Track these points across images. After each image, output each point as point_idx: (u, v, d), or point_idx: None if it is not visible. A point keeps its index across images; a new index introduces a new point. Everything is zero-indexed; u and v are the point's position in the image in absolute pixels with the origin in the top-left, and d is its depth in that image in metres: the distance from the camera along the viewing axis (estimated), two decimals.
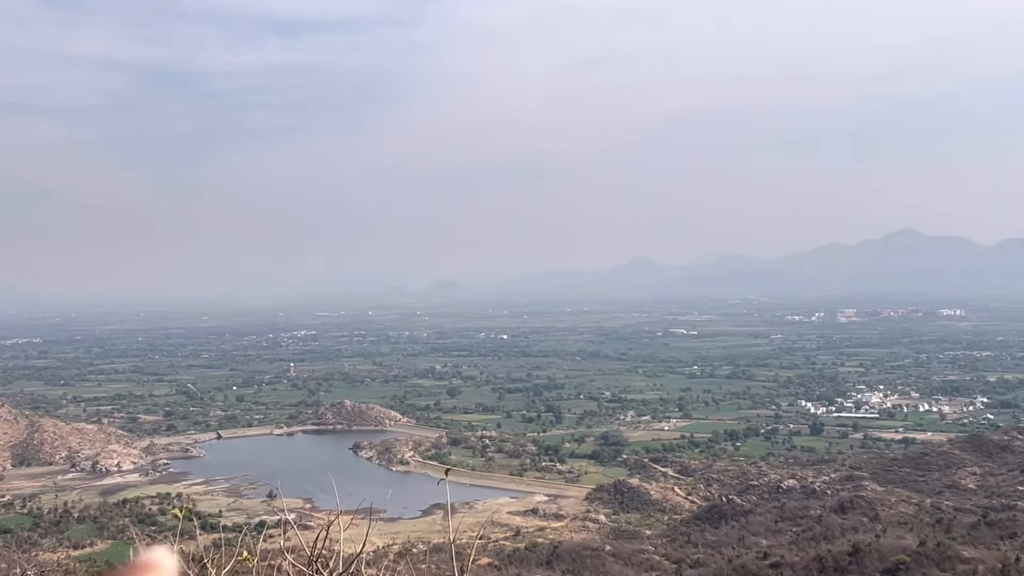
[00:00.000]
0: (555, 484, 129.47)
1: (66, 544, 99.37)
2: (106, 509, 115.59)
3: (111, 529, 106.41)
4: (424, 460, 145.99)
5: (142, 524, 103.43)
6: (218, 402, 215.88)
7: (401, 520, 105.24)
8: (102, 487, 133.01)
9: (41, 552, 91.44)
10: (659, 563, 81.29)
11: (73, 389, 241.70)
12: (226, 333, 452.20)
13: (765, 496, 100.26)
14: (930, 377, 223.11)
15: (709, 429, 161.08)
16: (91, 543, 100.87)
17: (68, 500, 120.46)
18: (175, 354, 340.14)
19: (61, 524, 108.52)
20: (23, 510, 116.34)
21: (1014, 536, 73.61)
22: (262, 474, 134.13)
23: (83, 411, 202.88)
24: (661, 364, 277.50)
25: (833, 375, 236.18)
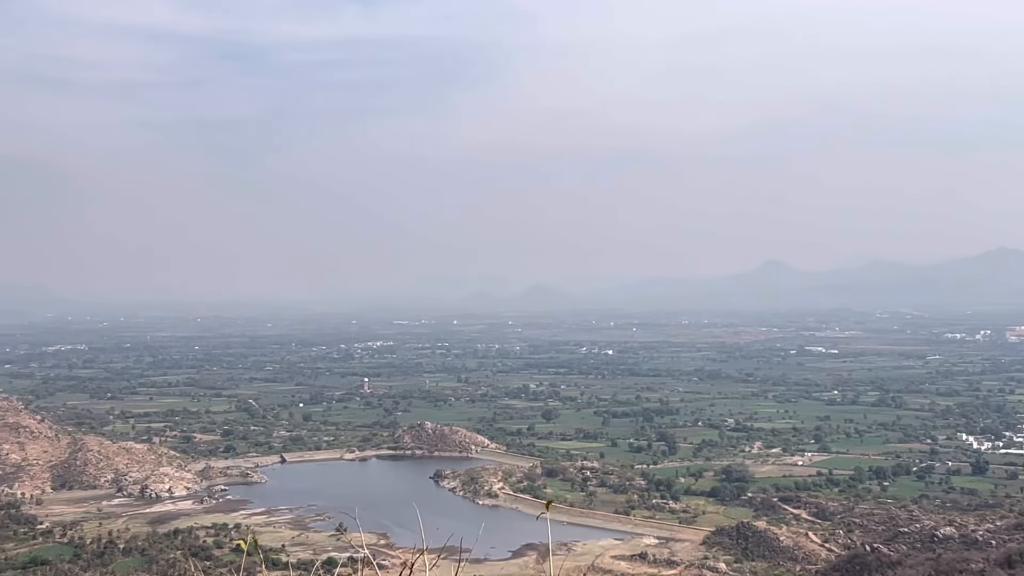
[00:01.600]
0: (667, 525, 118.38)
1: None
2: (155, 540, 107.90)
3: (161, 563, 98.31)
4: (515, 493, 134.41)
5: (195, 558, 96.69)
6: (282, 421, 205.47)
7: (488, 561, 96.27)
8: (151, 515, 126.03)
9: None
10: None
11: (121, 403, 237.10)
12: (292, 343, 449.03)
13: (917, 546, 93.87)
14: None
15: (850, 465, 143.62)
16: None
17: (113, 529, 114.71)
18: (235, 366, 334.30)
19: (105, 556, 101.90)
20: (63, 539, 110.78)
21: None
22: (331, 504, 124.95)
23: (132, 428, 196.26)
24: (794, 387, 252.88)
25: (1000, 404, 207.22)
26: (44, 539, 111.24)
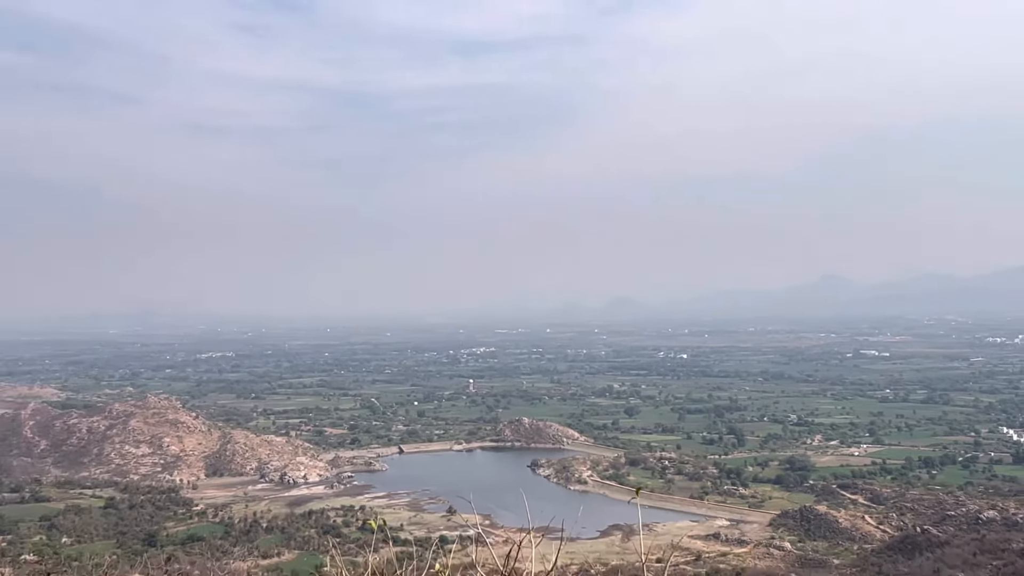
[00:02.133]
0: (737, 508, 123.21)
1: (255, 553, 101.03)
2: (293, 520, 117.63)
3: (298, 540, 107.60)
4: (602, 480, 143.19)
5: (327, 535, 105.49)
6: (400, 417, 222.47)
7: (579, 540, 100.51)
8: (289, 498, 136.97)
9: (232, 560, 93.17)
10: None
11: (263, 402, 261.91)
12: (408, 349, 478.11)
13: (963, 527, 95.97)
14: None
15: (902, 455, 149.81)
16: (279, 553, 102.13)
17: (257, 510, 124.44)
18: (360, 369, 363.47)
19: (251, 533, 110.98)
20: (215, 518, 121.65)
21: None
22: (442, 489, 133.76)
23: (272, 424, 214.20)
24: (850, 387, 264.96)
25: None
26: (199, 519, 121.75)
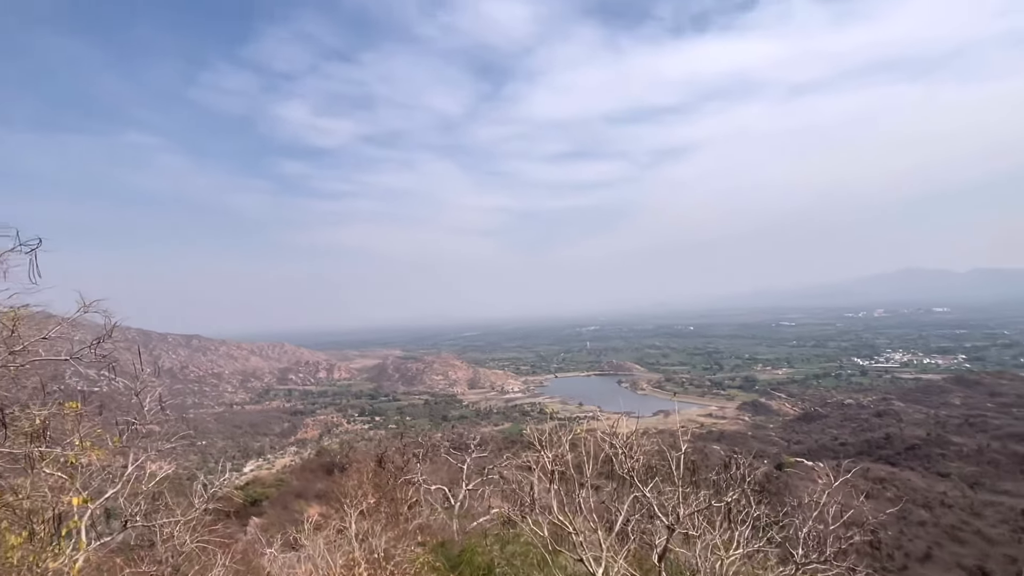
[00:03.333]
0: (720, 401, 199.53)
1: (490, 424, 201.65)
2: (507, 409, 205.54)
3: (509, 417, 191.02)
4: (652, 388, 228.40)
5: (524, 416, 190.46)
6: (555, 360, 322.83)
7: (643, 418, 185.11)
8: (505, 398, 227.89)
9: (480, 426, 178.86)
10: (777, 440, 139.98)
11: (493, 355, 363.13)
12: (563, 329, 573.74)
13: (834, 408, 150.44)
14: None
15: (803, 373, 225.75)
16: (502, 424, 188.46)
17: (491, 404, 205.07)
18: (541, 340, 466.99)
19: (490, 417, 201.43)
20: (472, 408, 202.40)
21: (985, 431, 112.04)
22: (572, 393, 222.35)
23: (497, 363, 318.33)
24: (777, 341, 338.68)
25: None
26: (465, 408, 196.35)
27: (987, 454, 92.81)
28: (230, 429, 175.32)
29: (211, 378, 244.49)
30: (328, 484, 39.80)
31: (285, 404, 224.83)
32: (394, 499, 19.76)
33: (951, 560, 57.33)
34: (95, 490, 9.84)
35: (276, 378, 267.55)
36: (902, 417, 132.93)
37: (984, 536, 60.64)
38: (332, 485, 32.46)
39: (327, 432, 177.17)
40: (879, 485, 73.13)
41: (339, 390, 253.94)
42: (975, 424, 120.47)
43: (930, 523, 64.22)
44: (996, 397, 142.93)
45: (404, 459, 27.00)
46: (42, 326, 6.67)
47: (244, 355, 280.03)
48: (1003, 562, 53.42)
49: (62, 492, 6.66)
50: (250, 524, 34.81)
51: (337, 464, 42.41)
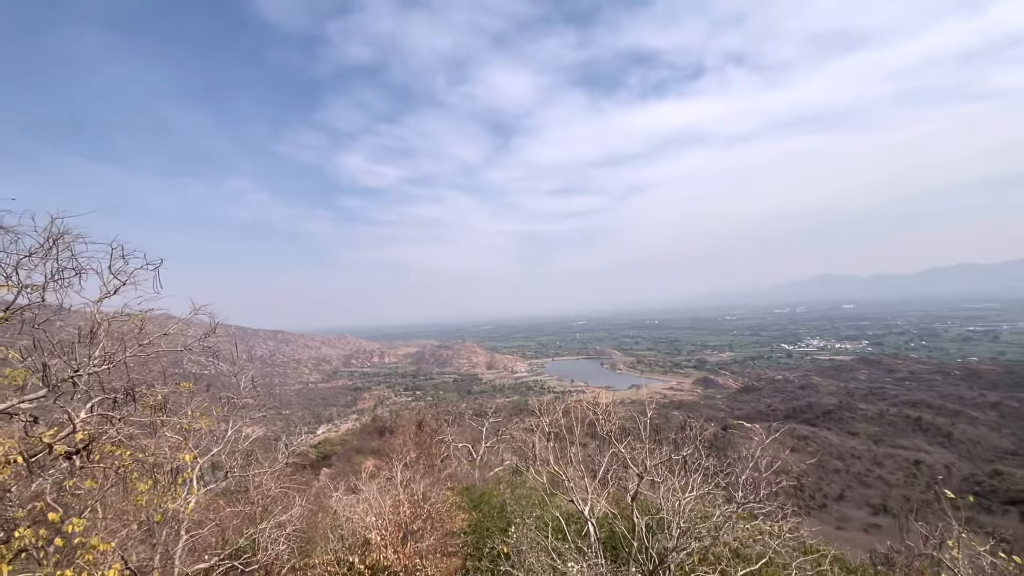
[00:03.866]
0: (679, 378, 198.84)
1: (503, 397, 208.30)
2: (516, 385, 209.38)
3: (518, 391, 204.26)
4: (627, 368, 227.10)
5: (528, 390, 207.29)
6: (553, 347, 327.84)
7: (619, 391, 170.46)
8: (514, 377, 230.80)
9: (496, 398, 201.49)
10: (723, 408, 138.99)
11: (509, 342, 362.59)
12: (573, 322, 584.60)
13: (768, 382, 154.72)
14: None
15: (743, 356, 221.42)
16: (512, 396, 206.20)
17: (505, 382, 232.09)
18: (546, 332, 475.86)
19: (503, 390, 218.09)
20: (488, 384, 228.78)
21: (884, 399, 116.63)
22: (565, 372, 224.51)
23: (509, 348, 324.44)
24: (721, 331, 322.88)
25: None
26: (483, 385, 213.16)
27: (886, 417, 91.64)
28: (307, 401, 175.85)
29: (292, 363, 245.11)
30: (380, 443, 40.05)
31: (348, 382, 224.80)
32: (430, 454, 19.75)
33: (860, 499, 56.47)
34: (203, 449, 9.95)
35: (341, 363, 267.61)
36: (820, 389, 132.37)
37: (885, 480, 59.66)
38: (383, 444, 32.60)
39: (380, 403, 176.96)
40: (803, 442, 72.22)
41: (389, 371, 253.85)
42: (877, 394, 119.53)
43: (843, 471, 63.31)
44: (893, 373, 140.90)
45: (437, 424, 26.97)
46: (163, 325, 6.76)
47: (317, 345, 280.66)
48: (900, 500, 52.50)
49: (178, 450, 6.73)
50: (321, 474, 34.93)
51: (387, 428, 42.57)
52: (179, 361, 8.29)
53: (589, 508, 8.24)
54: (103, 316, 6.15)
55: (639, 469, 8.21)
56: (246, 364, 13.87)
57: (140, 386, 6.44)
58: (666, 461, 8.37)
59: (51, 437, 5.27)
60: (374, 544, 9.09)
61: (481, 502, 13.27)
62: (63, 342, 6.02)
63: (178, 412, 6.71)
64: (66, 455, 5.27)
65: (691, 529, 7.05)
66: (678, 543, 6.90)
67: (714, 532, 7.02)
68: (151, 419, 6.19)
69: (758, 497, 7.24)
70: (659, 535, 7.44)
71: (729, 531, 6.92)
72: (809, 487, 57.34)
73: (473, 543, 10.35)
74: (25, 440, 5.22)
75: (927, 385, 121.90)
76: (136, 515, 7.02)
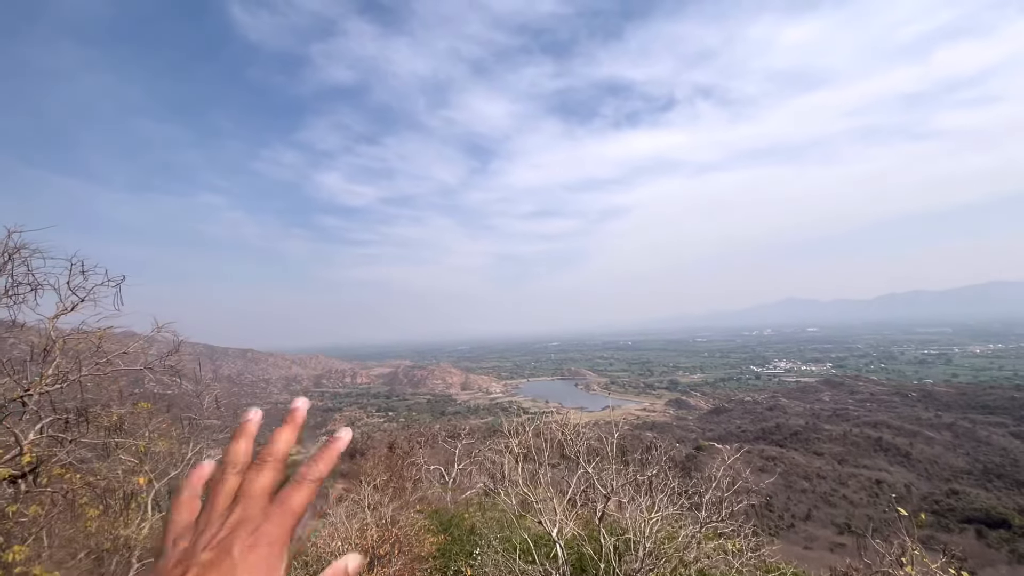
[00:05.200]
0: (651, 399, 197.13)
1: (477, 418, 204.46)
2: (491, 406, 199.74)
3: (492, 412, 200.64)
4: (601, 389, 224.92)
5: (503, 411, 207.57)
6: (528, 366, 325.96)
7: (592, 412, 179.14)
8: (489, 398, 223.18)
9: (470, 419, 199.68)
10: (694, 428, 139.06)
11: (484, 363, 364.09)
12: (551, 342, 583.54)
13: (738, 404, 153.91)
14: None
15: (715, 377, 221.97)
16: (487, 417, 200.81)
17: (476, 403, 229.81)
18: (526, 352, 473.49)
19: (477, 411, 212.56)
20: (463, 406, 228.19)
21: (848, 420, 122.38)
22: (540, 393, 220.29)
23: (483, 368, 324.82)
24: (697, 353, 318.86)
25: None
26: (457, 406, 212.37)
27: (849, 437, 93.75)
28: (275, 422, 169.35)
29: (261, 383, 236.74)
30: (350, 465, 38.89)
31: (319, 403, 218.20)
32: (401, 476, 19.30)
33: (826, 519, 57.35)
34: (161, 472, 9.52)
35: (312, 382, 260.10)
36: (787, 410, 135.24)
37: (849, 500, 60.82)
38: (352, 466, 31.64)
39: (351, 424, 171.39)
40: (771, 462, 73.12)
41: (361, 392, 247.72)
42: (840, 415, 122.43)
43: (809, 491, 64.30)
44: (855, 394, 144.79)
45: (410, 445, 26.43)
46: (123, 343, 6.54)
47: (287, 364, 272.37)
48: (863, 519, 53.51)
49: (133, 474, 6.45)
50: None
51: (357, 450, 41.39)
52: (140, 380, 8.00)
53: (557, 530, 8.18)
54: (59, 333, 5.94)
55: (606, 490, 8.23)
56: (211, 383, 13.28)
57: (95, 406, 6.18)
58: (632, 482, 8.42)
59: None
60: None
61: (451, 525, 13.01)
62: (13, 360, 5.77)
63: (135, 433, 6.45)
64: (11, 479, 5.01)
65: (656, 550, 7.09)
66: (643, 564, 6.92)
67: (679, 552, 7.07)
68: (104, 441, 5.94)
69: (721, 516, 7.34)
70: (626, 556, 7.45)
71: (694, 550, 6.98)
72: (778, 507, 57.97)
73: (441, 567, 10.12)
74: None
75: (887, 406, 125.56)
76: (84, 543, 6.66)
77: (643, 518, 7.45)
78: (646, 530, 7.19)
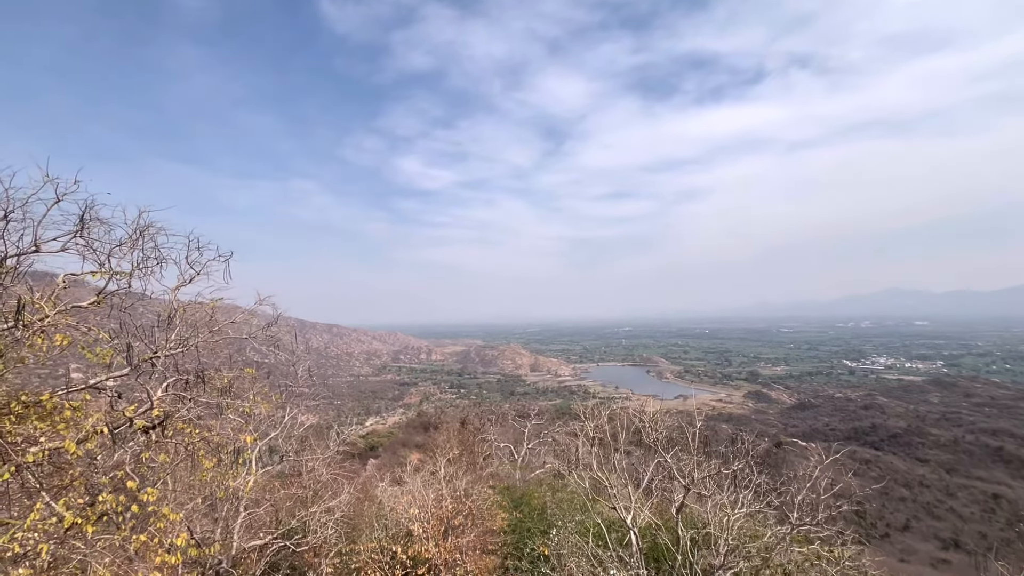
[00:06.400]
0: (729, 390, 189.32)
1: (546, 400, 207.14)
2: (559, 388, 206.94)
3: (561, 395, 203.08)
4: (674, 377, 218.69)
5: (572, 394, 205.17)
6: (598, 352, 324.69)
7: (666, 400, 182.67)
8: (558, 381, 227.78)
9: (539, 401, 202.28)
10: (775, 423, 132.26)
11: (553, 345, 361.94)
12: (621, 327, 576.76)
13: (826, 400, 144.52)
14: None
15: (799, 370, 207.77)
16: (555, 400, 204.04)
17: (548, 385, 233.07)
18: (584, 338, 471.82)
19: (546, 393, 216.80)
20: (532, 387, 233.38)
21: (960, 426, 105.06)
22: (609, 378, 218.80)
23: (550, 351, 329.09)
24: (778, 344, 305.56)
25: None
26: (526, 386, 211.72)
27: (962, 445, 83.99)
28: (357, 393, 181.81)
29: (345, 356, 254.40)
30: (425, 437, 40.83)
31: (396, 377, 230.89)
32: (473, 452, 19.93)
33: (928, 532, 52.04)
34: (262, 432, 10.51)
35: (390, 357, 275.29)
36: (885, 410, 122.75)
37: (957, 514, 54.72)
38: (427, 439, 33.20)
39: (425, 399, 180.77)
40: (865, 465, 67.47)
41: (435, 368, 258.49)
42: (951, 419, 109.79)
43: (909, 500, 58.59)
44: (970, 397, 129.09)
45: (480, 422, 27.20)
46: (230, 313, 7.19)
47: (368, 340, 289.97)
48: (975, 536, 48.02)
49: (240, 432, 7.12)
50: (368, 463, 35.99)
51: (432, 423, 43.36)
52: (243, 348, 8.81)
53: (632, 517, 8.01)
54: (179, 303, 6.62)
55: (685, 481, 7.91)
56: (303, 355, 14.54)
57: (208, 369, 6.88)
58: (715, 475, 8.02)
59: (132, 412, 5.71)
60: (416, 536, 9.25)
61: (522, 503, 13.23)
62: (144, 326, 6.53)
63: (241, 396, 7.11)
64: (144, 429, 5.70)
65: (739, 547, 6.71)
66: (725, 561, 6.58)
67: (765, 553, 6.65)
68: (217, 401, 6.60)
69: (815, 520, 6.79)
70: (704, 551, 7.14)
71: (782, 553, 6.53)
72: (871, 514, 53.40)
73: (513, 543, 10.33)
74: (110, 413, 5.69)
75: (1010, 412, 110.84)
76: (201, 490, 7.50)
77: (725, 513, 7.08)
78: (728, 526, 6.82)
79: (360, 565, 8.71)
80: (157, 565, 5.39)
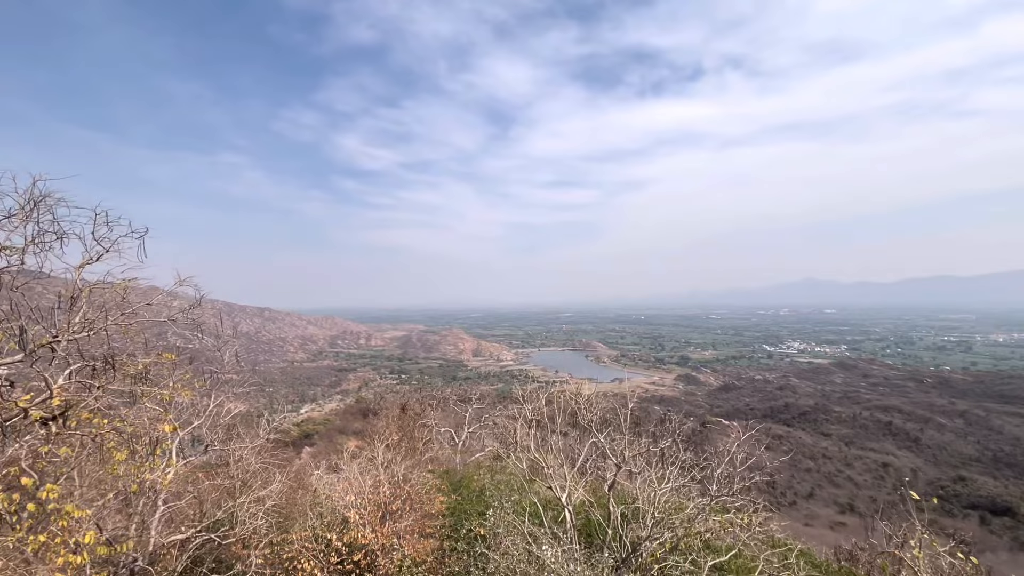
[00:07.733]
0: (661, 373, 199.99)
1: (488, 384, 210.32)
2: (501, 373, 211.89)
3: (503, 379, 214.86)
4: (611, 362, 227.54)
5: (513, 379, 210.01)
6: (538, 337, 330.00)
7: (602, 383, 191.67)
8: (500, 366, 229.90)
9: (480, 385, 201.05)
10: (703, 404, 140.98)
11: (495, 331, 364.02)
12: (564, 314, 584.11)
13: (748, 382, 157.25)
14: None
15: (725, 354, 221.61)
16: (497, 384, 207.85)
17: (489, 370, 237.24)
18: (529, 323, 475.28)
19: (488, 378, 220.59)
20: (474, 372, 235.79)
21: (858, 403, 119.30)
22: (550, 363, 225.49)
23: (498, 335, 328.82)
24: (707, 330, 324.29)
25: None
26: (468, 371, 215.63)
27: (859, 420, 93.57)
28: (291, 380, 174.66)
29: (278, 341, 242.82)
30: (363, 424, 40.08)
31: (333, 363, 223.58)
32: (412, 437, 19.81)
33: (829, 498, 57.88)
34: (184, 421, 9.86)
35: (327, 343, 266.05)
36: (797, 390, 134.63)
37: (853, 481, 61.17)
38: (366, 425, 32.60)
39: (364, 385, 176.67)
40: (777, 440, 73.55)
41: (375, 354, 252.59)
42: (851, 397, 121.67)
43: (814, 470, 64.72)
44: (867, 378, 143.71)
45: (421, 407, 27.03)
46: (147, 295, 6.63)
47: (303, 324, 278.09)
48: (867, 501, 53.95)
49: (158, 422, 6.64)
50: (303, 452, 34.84)
51: (371, 409, 42.59)
52: (163, 333, 8.17)
53: (567, 495, 8.33)
54: (84, 283, 6.02)
55: (617, 459, 8.31)
56: (231, 339, 13.84)
57: (121, 355, 6.33)
58: (644, 453, 8.48)
59: (27, 402, 5.16)
60: (353, 522, 9.12)
61: (461, 486, 13.36)
62: (42, 307, 5.88)
63: (159, 383, 6.62)
64: (42, 421, 5.18)
65: (665, 519, 7.17)
66: (651, 532, 7.02)
67: (687, 523, 7.15)
68: (131, 389, 6.10)
69: (731, 491, 7.38)
70: (634, 524, 7.57)
71: (702, 523, 7.06)
72: (781, 484, 58.60)
73: (451, 525, 10.44)
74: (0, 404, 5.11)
75: (900, 391, 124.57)
76: (113, 484, 6.95)
77: (653, 488, 7.52)
78: (655, 500, 7.27)
79: (292, 555, 8.48)
80: (60, 566, 4.96)
